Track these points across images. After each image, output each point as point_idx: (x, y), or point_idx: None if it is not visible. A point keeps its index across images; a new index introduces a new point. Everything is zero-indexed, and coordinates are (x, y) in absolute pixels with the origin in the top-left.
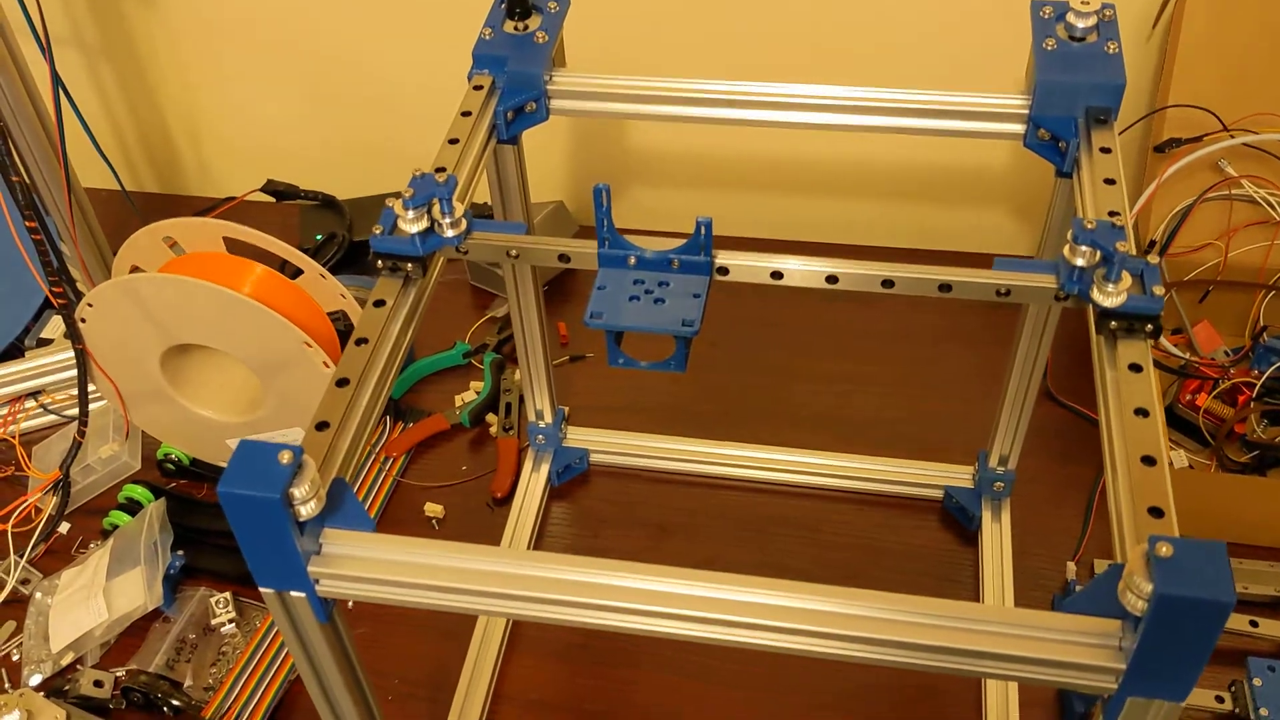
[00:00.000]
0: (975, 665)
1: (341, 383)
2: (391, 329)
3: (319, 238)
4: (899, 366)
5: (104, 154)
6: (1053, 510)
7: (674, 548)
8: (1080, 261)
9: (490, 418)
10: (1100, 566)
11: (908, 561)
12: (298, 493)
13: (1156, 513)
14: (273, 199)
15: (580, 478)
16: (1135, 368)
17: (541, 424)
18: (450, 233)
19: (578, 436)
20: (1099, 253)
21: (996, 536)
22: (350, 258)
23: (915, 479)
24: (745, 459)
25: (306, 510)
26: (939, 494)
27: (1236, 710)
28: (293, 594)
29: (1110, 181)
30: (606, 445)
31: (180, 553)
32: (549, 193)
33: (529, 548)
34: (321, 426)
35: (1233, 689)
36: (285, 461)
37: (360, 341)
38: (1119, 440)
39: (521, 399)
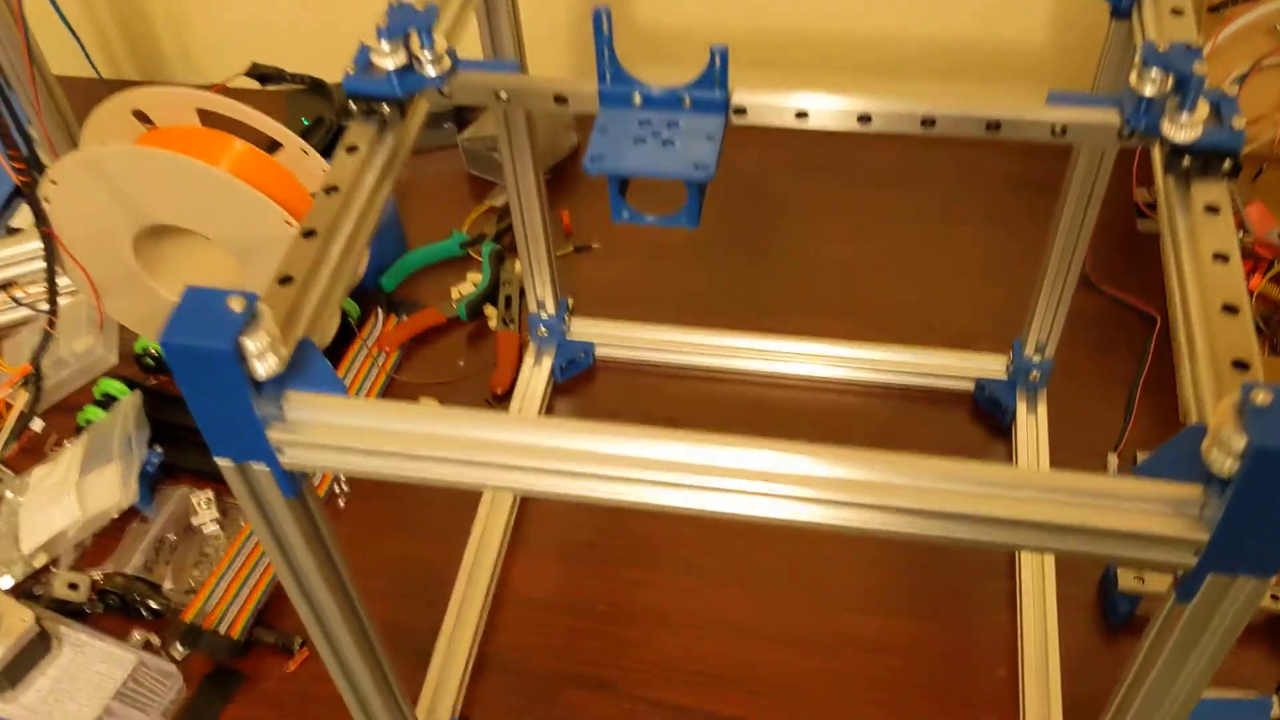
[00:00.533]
0: (1029, 538)
1: (308, 234)
2: (365, 178)
3: (306, 123)
4: (925, 250)
5: (74, 31)
6: (1091, 403)
7: None
8: (1149, 90)
9: (489, 310)
10: (1144, 458)
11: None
12: (251, 344)
13: (1242, 366)
14: (258, 83)
15: (585, 373)
16: (1213, 209)
17: (544, 315)
18: (432, 71)
19: (582, 329)
20: (1171, 78)
21: (1032, 429)
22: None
23: (944, 370)
24: (759, 350)
25: (265, 367)
26: (969, 386)
27: None
28: (254, 466)
29: (1178, 12)
30: (612, 338)
31: (158, 449)
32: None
33: None
34: (285, 281)
35: None
36: (237, 309)
37: (330, 190)
38: (1194, 288)
39: (522, 292)
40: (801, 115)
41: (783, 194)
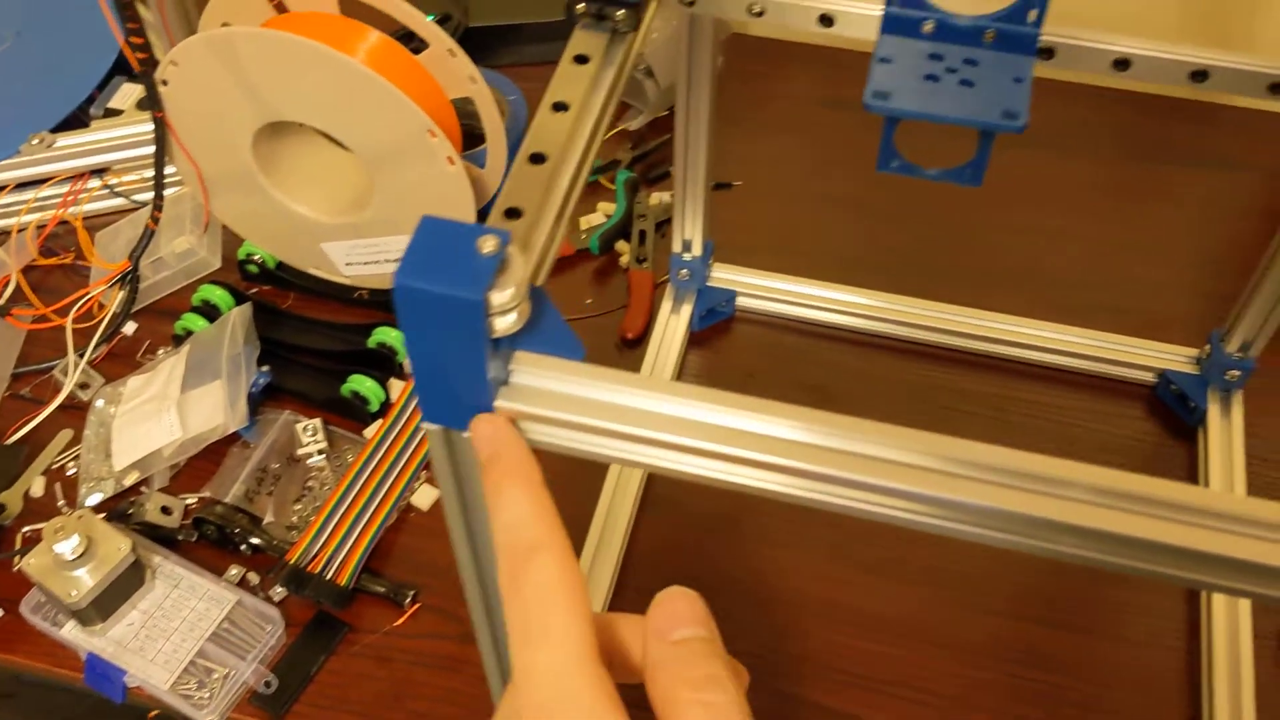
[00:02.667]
0: (1219, 576)
1: (537, 158)
2: (596, 96)
3: (431, 17)
4: (1112, 224)
5: None
6: None
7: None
8: None
9: (621, 245)
10: None
11: (1109, 455)
12: (497, 299)
13: None
14: None
15: (723, 324)
16: None
17: (687, 256)
18: None
19: (724, 275)
20: None
21: (1224, 433)
22: (465, 46)
23: (1125, 357)
24: (921, 317)
25: (503, 324)
26: (1151, 377)
27: None
28: (465, 435)
29: None
30: (757, 289)
31: (266, 369)
32: None
33: None
34: (512, 214)
35: None
36: (488, 251)
37: (559, 107)
38: None
39: (658, 226)
40: (1121, 64)
41: (954, 152)
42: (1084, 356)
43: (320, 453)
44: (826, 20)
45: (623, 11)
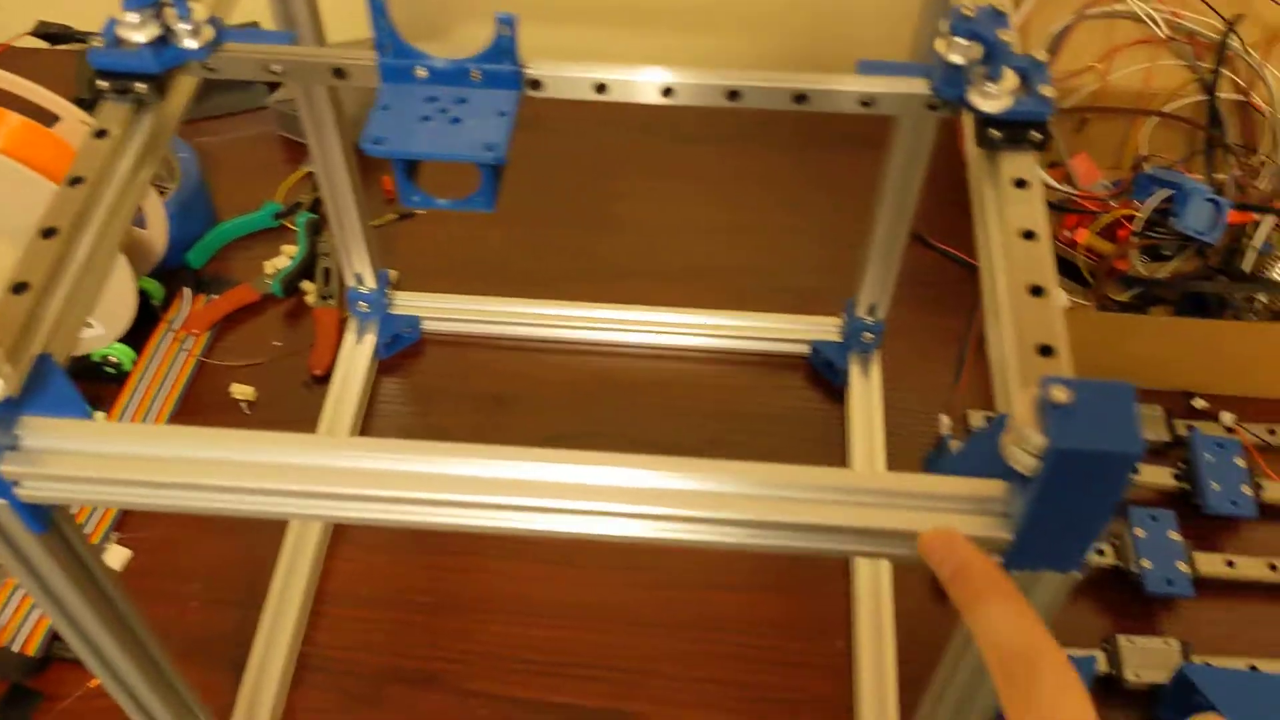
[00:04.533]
0: (825, 543)
1: (47, 233)
2: (117, 166)
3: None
4: (758, 213)
5: None
6: (926, 363)
7: (514, 421)
8: (957, 58)
9: (306, 285)
10: (975, 418)
11: (772, 424)
12: None
13: (1046, 351)
14: (46, 43)
15: (412, 349)
16: (1020, 183)
17: (363, 289)
18: (190, 43)
19: (407, 302)
20: (980, 47)
21: (865, 392)
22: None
23: (778, 334)
24: (590, 320)
25: None
26: (805, 349)
27: (1119, 563)
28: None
29: None
30: (440, 311)
31: None
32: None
33: (354, 428)
34: (19, 288)
35: (1114, 541)
36: None
37: (75, 182)
38: (1002, 268)
39: None
40: (601, 89)
41: (611, 154)
42: (742, 336)
43: None
44: (340, 74)
45: (143, 85)
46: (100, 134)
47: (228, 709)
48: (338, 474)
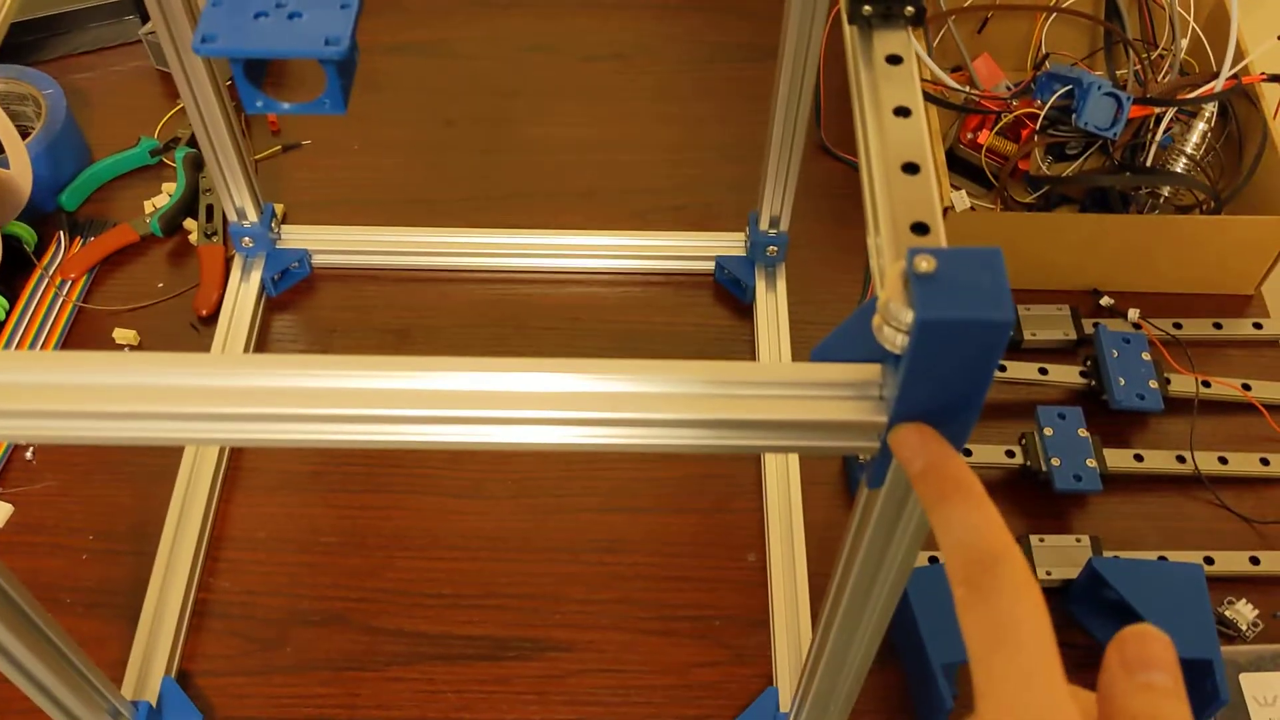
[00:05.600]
0: (716, 438)
1: None
2: None
3: None
4: (667, 130)
5: None
6: (833, 274)
7: (417, 353)
8: None
9: (189, 224)
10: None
11: (679, 344)
12: None
13: (921, 229)
14: None
15: (304, 284)
16: (894, 59)
17: (245, 224)
18: None
19: (295, 236)
20: None
21: (771, 306)
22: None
23: (682, 252)
24: (492, 246)
25: None
26: (710, 266)
27: (1028, 463)
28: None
29: None
30: (331, 244)
31: None
32: None
33: None
34: None
35: (1023, 441)
36: None
37: None
38: (876, 147)
39: None
40: None
41: (511, 75)
42: (647, 256)
43: None
44: None
45: None
46: None
47: (123, 659)
48: (238, 393)
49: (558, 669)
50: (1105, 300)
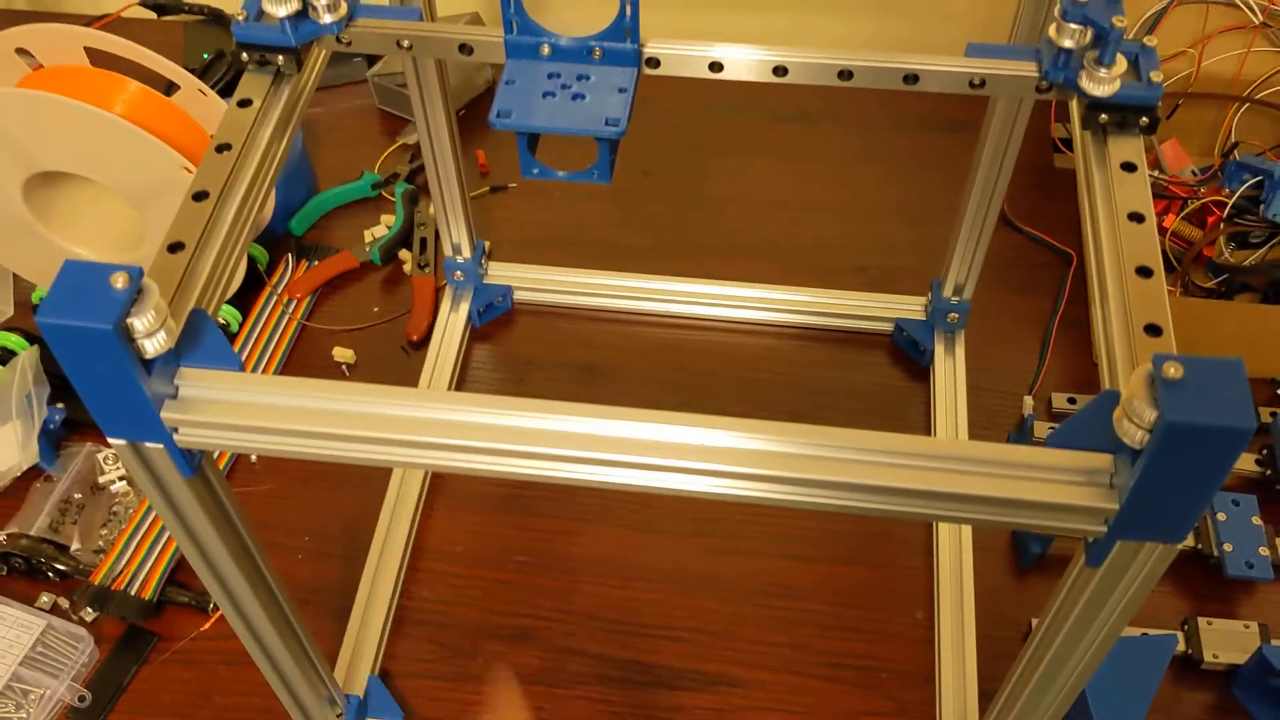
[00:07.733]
0: (942, 509)
1: (199, 196)
2: (260, 134)
3: (206, 56)
4: (849, 192)
5: None
6: (1009, 344)
7: (604, 390)
8: (1068, 42)
9: (404, 254)
10: (1058, 400)
11: (853, 400)
12: (139, 324)
13: (1154, 330)
14: (153, 14)
15: (504, 317)
16: (1129, 167)
17: (459, 259)
18: (327, 17)
19: (500, 272)
20: (1090, 32)
21: (950, 371)
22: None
23: (863, 311)
24: (679, 294)
25: (154, 345)
26: (888, 327)
27: (1199, 546)
28: (149, 446)
29: None
30: (531, 281)
31: (60, 406)
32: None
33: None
34: (175, 248)
35: (1195, 526)
36: (120, 286)
37: (222, 148)
38: (1110, 249)
39: (438, 233)
40: (716, 67)
41: (704, 133)
42: (828, 314)
43: (122, 479)
44: (466, 49)
45: (283, 57)
46: (243, 103)
47: (333, 654)
48: (443, 426)
49: (730, 703)
50: None
